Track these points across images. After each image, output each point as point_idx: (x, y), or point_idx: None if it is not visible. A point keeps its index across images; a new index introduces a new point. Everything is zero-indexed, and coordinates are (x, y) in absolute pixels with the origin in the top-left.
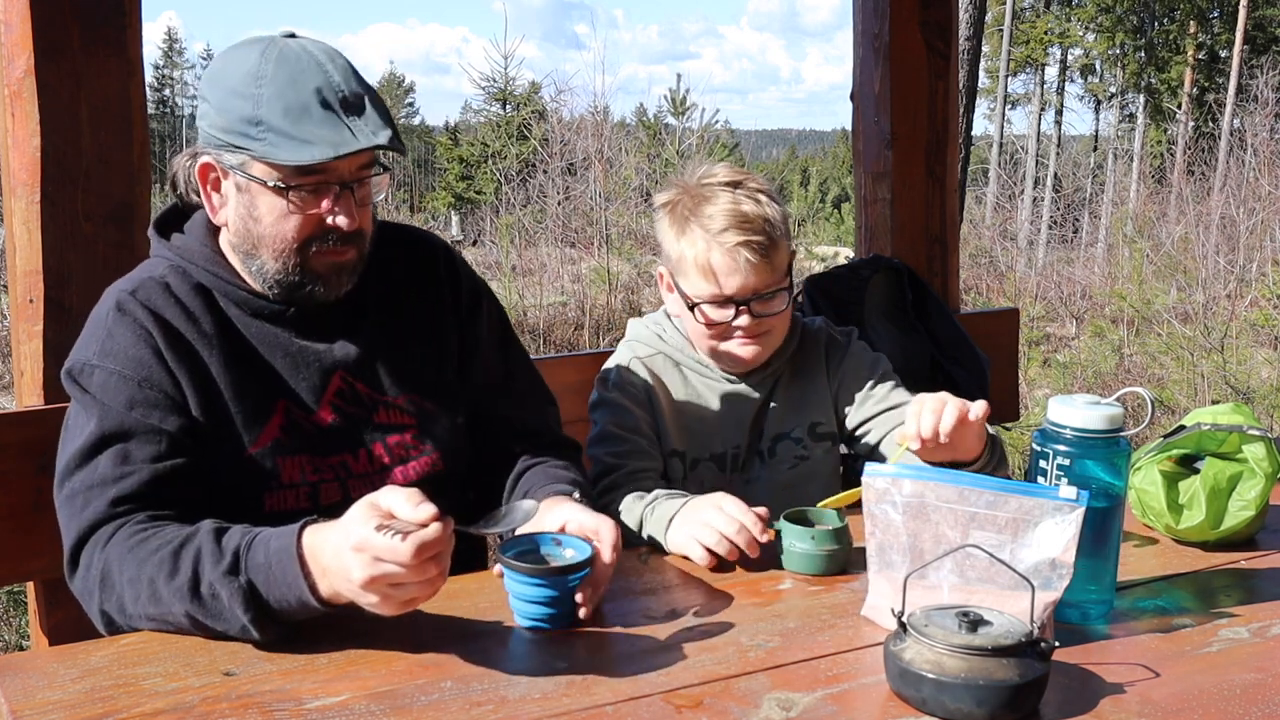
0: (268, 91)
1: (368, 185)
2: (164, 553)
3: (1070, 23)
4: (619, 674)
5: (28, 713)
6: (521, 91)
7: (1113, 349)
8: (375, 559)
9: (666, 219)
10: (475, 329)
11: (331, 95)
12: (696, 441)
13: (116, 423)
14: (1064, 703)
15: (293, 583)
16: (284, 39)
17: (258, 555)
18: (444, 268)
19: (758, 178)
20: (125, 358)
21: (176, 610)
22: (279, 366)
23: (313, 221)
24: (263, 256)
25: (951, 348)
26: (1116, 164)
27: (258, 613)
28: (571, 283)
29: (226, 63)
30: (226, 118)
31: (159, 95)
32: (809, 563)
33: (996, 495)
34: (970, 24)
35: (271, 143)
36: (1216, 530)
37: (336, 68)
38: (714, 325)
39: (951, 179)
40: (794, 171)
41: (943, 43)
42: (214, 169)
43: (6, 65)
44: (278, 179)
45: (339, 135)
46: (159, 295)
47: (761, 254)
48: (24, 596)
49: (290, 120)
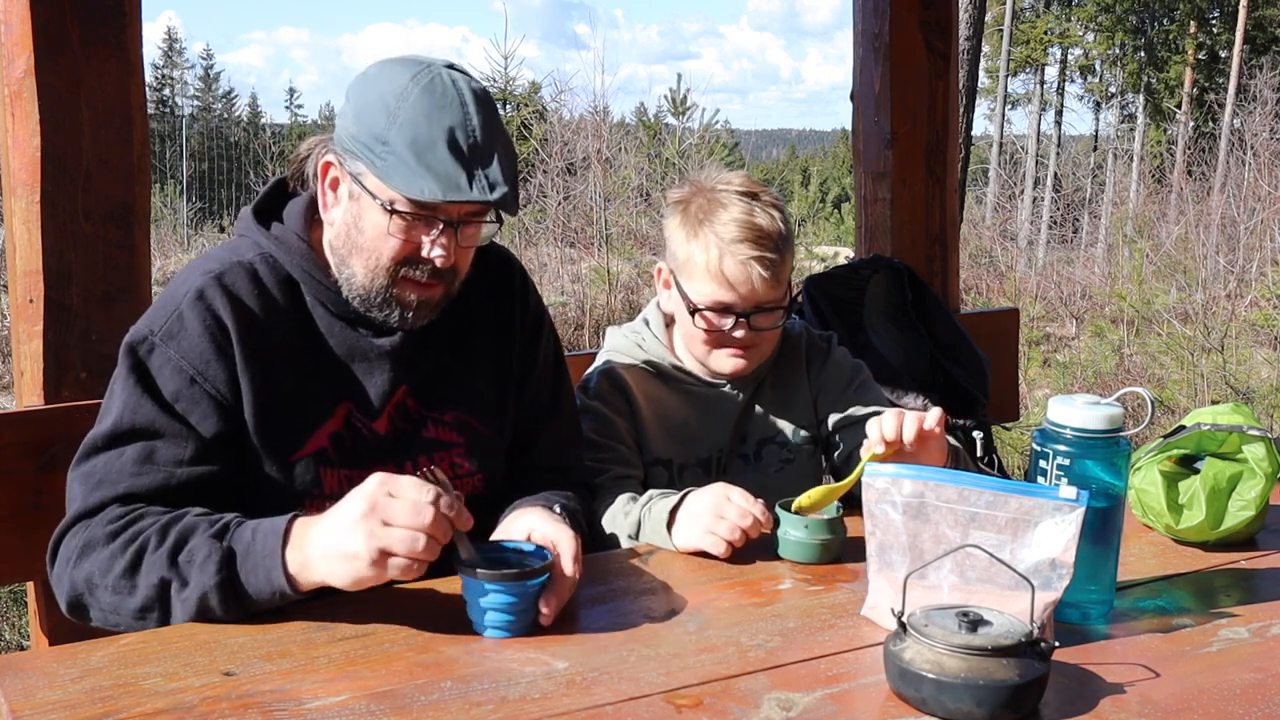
0: (404, 115)
1: (476, 228)
2: (153, 529)
3: (1070, 23)
4: (619, 674)
5: (28, 713)
6: (521, 91)
7: (1113, 349)
8: (389, 494)
9: (678, 217)
10: (534, 354)
11: (462, 137)
12: (681, 448)
13: (151, 417)
14: (1064, 703)
15: (269, 551)
16: (444, 68)
17: (245, 531)
18: (518, 288)
19: (771, 191)
20: (188, 347)
21: (151, 579)
22: (355, 370)
23: (410, 248)
24: (354, 266)
25: (951, 348)
26: (1116, 164)
27: (226, 576)
28: (571, 283)
29: (380, 73)
30: (360, 127)
31: (159, 95)
32: (804, 551)
33: (996, 495)
34: (970, 24)
35: (391, 165)
36: (1216, 530)
37: (479, 111)
38: (711, 331)
39: (951, 179)
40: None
41: (943, 43)
42: (335, 168)
43: (6, 65)
44: (388, 199)
45: (456, 180)
46: (244, 281)
47: (771, 270)
48: (24, 596)
49: (415, 151)
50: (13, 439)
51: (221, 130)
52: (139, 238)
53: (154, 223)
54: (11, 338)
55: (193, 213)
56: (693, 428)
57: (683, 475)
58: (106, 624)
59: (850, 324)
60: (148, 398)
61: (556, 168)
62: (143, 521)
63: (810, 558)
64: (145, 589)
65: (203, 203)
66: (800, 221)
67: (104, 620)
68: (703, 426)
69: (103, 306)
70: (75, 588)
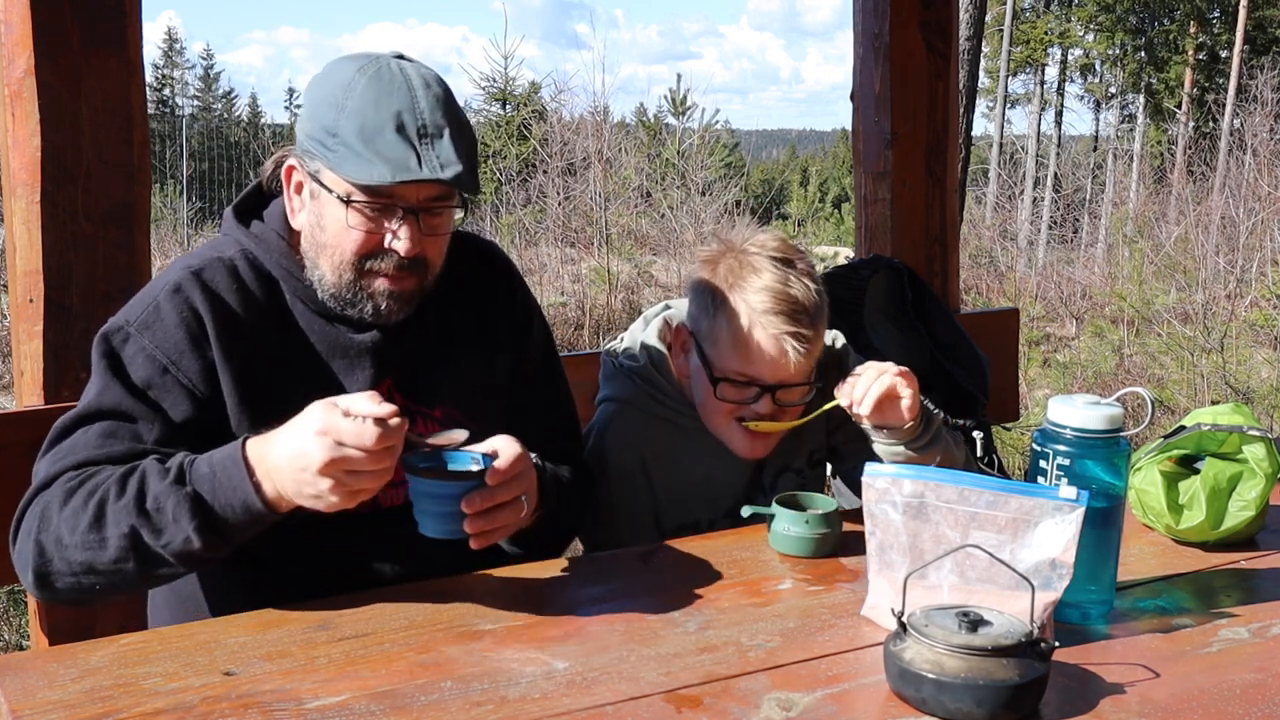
0: (351, 105)
1: (441, 216)
2: (111, 480)
3: (1070, 23)
4: (619, 674)
5: (28, 713)
6: (521, 91)
7: (1113, 349)
8: (338, 443)
9: (705, 276)
10: (524, 349)
11: (410, 120)
12: (706, 506)
13: (119, 400)
14: (1064, 703)
15: (238, 485)
16: (390, 58)
17: (201, 468)
18: (504, 283)
19: (806, 258)
20: (163, 337)
21: (121, 529)
22: (335, 367)
23: (373, 240)
24: (322, 266)
25: (951, 348)
26: (1116, 164)
27: (202, 520)
28: (571, 283)
29: (330, 70)
30: (313, 124)
31: (159, 95)
32: (801, 545)
33: (996, 495)
34: (970, 24)
35: (341, 155)
36: (1216, 530)
37: (428, 95)
38: (729, 403)
39: (951, 179)
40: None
41: (943, 43)
42: (297, 171)
43: (6, 65)
44: (344, 192)
45: (405, 161)
46: (224, 277)
47: (806, 346)
48: (24, 596)
49: (362, 138)
50: (13, 439)
51: (221, 130)
52: (139, 238)
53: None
54: (11, 338)
55: (193, 213)
56: (715, 482)
57: (714, 528)
58: (80, 588)
59: (850, 324)
60: (118, 382)
61: (556, 168)
62: (98, 476)
63: (809, 552)
64: (116, 540)
65: (203, 203)
66: (800, 221)
67: (76, 585)
68: (725, 477)
69: (103, 306)
70: (42, 553)
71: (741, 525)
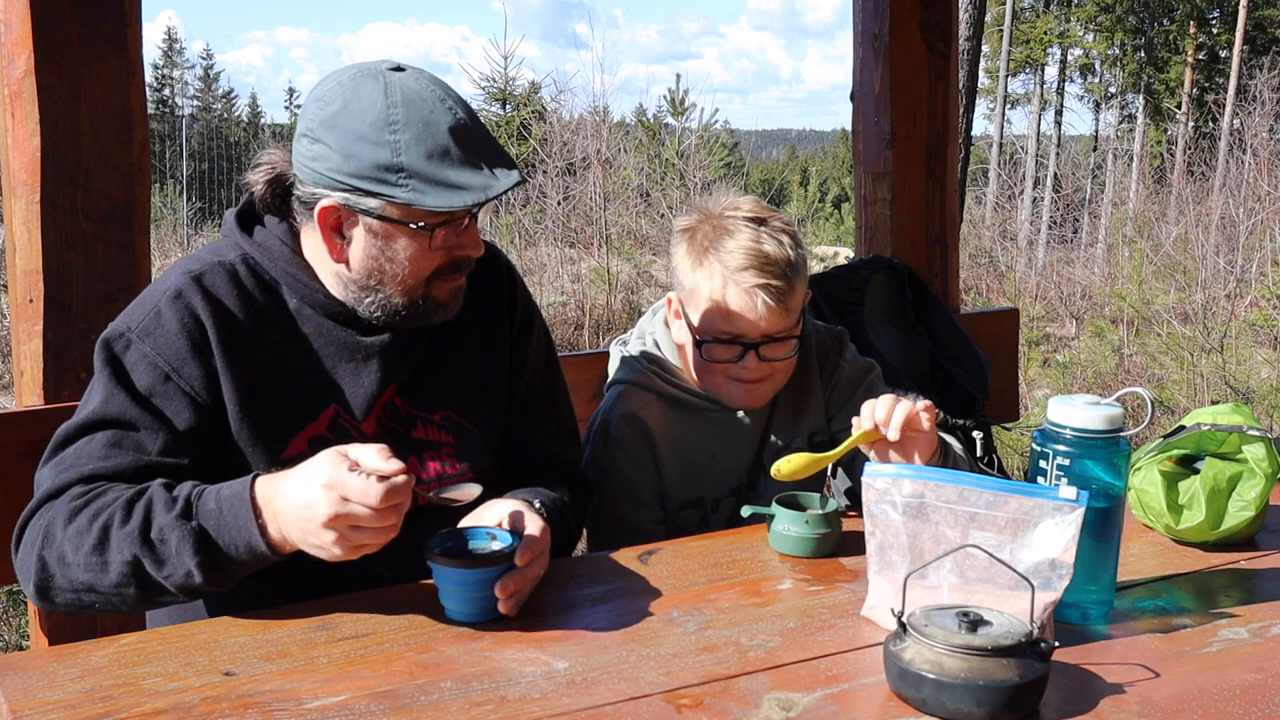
0: (404, 137)
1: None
2: (117, 504)
3: (1070, 23)
4: (619, 674)
5: (28, 713)
6: (521, 91)
7: (1112, 349)
8: (343, 498)
9: (684, 245)
10: (525, 349)
11: (465, 137)
12: (711, 484)
13: (123, 408)
14: (1064, 703)
15: (244, 525)
16: (393, 73)
17: (208, 502)
18: (505, 285)
19: (782, 216)
20: (164, 344)
21: (124, 556)
22: (341, 372)
23: (450, 254)
24: (388, 290)
25: (951, 348)
26: (1116, 164)
27: (206, 556)
28: (571, 283)
29: (346, 104)
30: (357, 163)
31: (159, 95)
32: (801, 545)
33: (996, 495)
34: (970, 24)
35: (417, 189)
36: (1216, 530)
37: (459, 105)
38: (718, 363)
39: (951, 179)
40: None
41: (943, 43)
42: (338, 212)
43: (6, 65)
44: (423, 221)
45: (483, 180)
46: (224, 281)
47: (779, 298)
48: (24, 597)
49: (433, 166)
50: (13, 439)
51: (221, 130)
52: (139, 238)
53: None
54: (11, 338)
55: (193, 213)
56: (720, 460)
57: (717, 509)
58: (80, 604)
59: (850, 324)
60: (121, 390)
61: (556, 168)
62: (105, 497)
63: (809, 552)
64: (119, 566)
65: (203, 203)
66: (800, 221)
67: (76, 601)
68: (729, 456)
69: (103, 306)
70: (45, 568)
71: (741, 523)
